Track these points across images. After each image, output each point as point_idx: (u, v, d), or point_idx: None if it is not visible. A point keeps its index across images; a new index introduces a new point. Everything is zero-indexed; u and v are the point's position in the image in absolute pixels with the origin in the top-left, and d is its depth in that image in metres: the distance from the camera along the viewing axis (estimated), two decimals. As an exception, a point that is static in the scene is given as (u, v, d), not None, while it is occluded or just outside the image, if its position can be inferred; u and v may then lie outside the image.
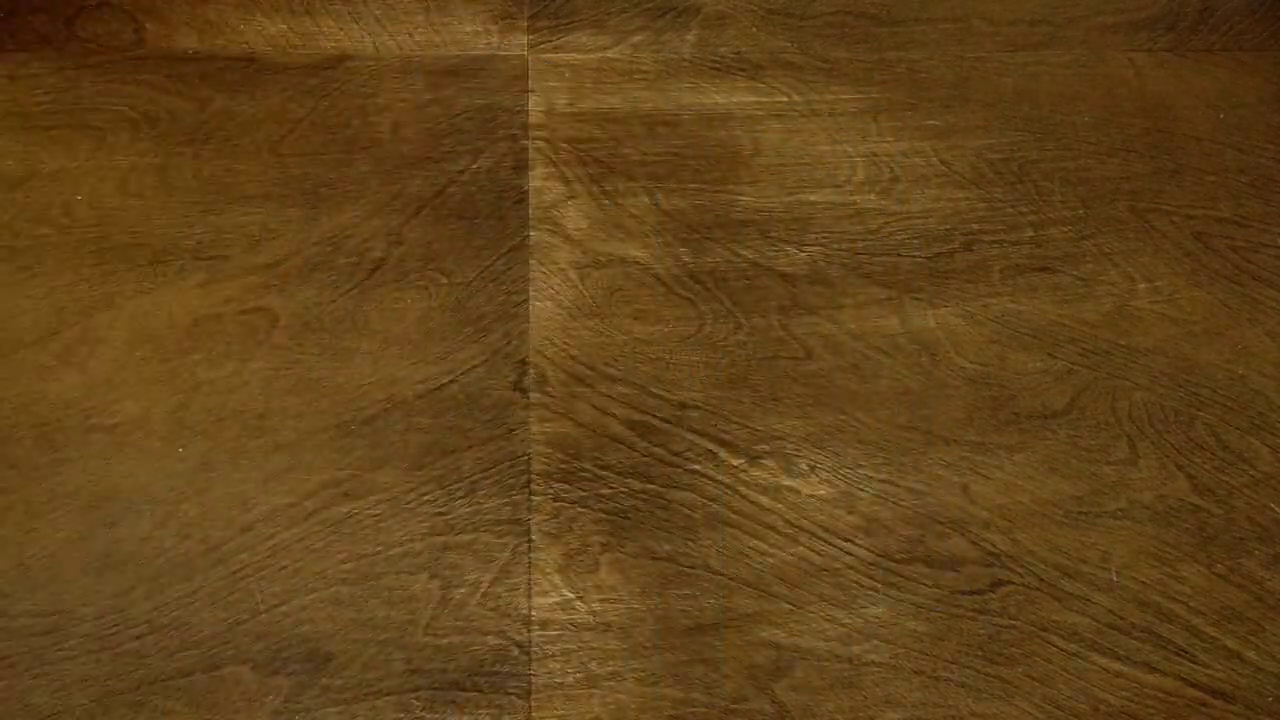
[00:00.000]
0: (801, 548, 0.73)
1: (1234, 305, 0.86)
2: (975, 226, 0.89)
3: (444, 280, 0.82)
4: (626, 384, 0.78)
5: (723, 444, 0.76)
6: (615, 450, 0.76)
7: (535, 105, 0.92)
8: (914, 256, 0.87)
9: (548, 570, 0.72)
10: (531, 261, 0.83)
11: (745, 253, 0.85)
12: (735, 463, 0.76)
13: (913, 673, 0.69)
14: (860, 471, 0.76)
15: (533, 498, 0.74)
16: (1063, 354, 0.82)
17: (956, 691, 0.68)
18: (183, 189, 0.84)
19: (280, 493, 0.73)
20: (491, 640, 0.70)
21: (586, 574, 0.72)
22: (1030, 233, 0.89)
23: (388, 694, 0.66)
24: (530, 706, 0.68)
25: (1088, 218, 0.90)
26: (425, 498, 0.74)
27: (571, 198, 0.87)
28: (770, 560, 0.72)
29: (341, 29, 0.94)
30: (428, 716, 0.66)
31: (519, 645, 0.70)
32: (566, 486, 0.75)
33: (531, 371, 0.78)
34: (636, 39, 0.97)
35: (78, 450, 0.73)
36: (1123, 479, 0.77)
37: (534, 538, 0.73)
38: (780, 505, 0.74)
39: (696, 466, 0.75)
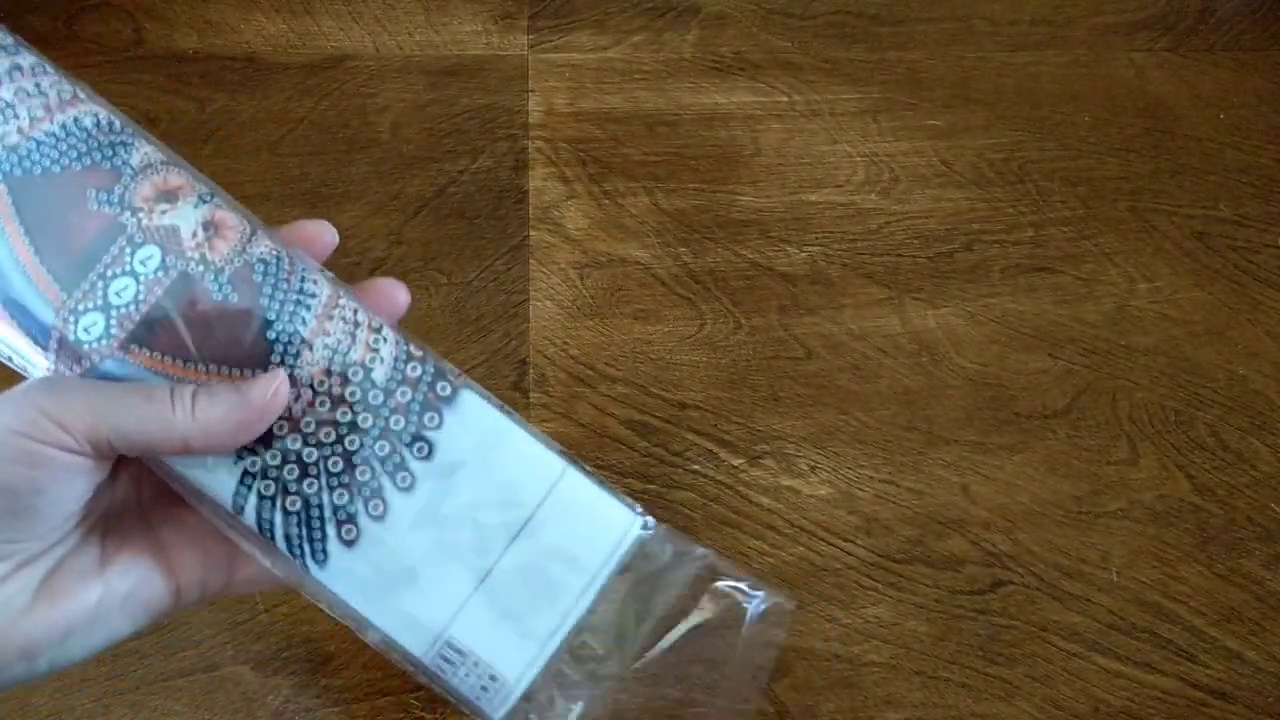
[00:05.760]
0: (801, 548, 0.73)
1: (1234, 305, 0.86)
2: (976, 226, 0.89)
3: (444, 280, 0.82)
4: (626, 384, 0.78)
5: (723, 444, 0.76)
6: (615, 450, 0.76)
7: (535, 105, 0.92)
8: (914, 256, 0.87)
9: (548, 570, 0.72)
10: (531, 261, 0.83)
11: (745, 253, 0.85)
12: (735, 463, 0.76)
13: (913, 673, 0.69)
14: (860, 471, 0.76)
15: (533, 498, 0.74)
16: (1063, 354, 0.82)
17: (957, 692, 0.68)
18: (183, 189, 0.84)
19: (280, 493, 0.73)
20: (491, 640, 0.70)
21: (586, 574, 0.72)
22: (1030, 233, 0.89)
23: (388, 694, 0.66)
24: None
25: (1088, 217, 0.90)
26: (425, 498, 0.74)
27: (571, 197, 0.87)
28: (770, 560, 0.72)
29: (341, 29, 0.94)
30: (428, 717, 0.66)
31: (519, 645, 0.70)
32: (566, 486, 0.75)
33: (531, 371, 0.78)
34: (636, 39, 0.97)
35: (78, 450, 0.73)
36: (1123, 479, 0.77)
37: (534, 538, 0.73)
38: (780, 505, 0.74)
39: (696, 466, 0.75)
